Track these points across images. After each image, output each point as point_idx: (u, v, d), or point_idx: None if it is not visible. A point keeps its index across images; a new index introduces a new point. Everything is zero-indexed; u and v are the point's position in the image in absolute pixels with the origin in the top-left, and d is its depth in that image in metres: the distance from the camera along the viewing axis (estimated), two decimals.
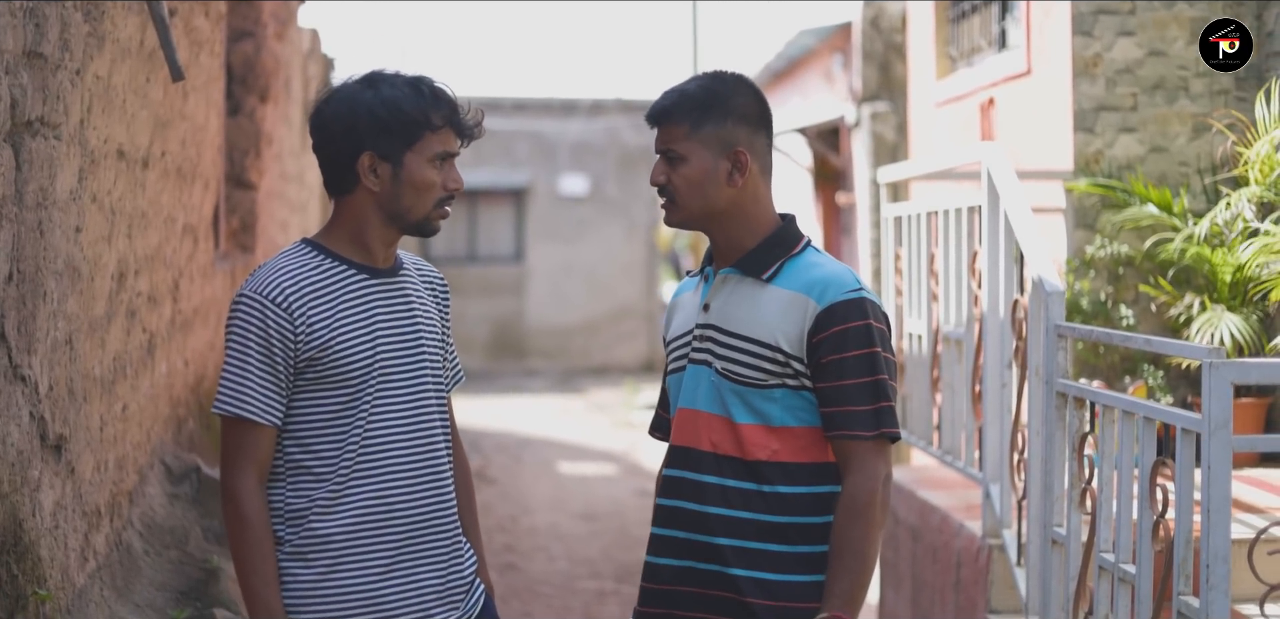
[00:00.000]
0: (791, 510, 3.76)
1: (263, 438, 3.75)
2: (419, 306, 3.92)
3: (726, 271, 3.85)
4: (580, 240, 29.28)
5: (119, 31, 5.82)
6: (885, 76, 15.39)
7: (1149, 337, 5.27)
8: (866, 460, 3.71)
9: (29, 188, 4.64)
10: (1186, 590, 4.51)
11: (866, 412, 3.72)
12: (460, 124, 3.82)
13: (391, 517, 3.80)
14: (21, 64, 4.55)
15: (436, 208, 3.82)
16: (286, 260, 3.81)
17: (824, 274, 3.77)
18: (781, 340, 3.73)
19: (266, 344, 3.72)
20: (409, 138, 3.76)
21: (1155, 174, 8.63)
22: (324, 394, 3.77)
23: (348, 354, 3.76)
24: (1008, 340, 6.42)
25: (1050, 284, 5.68)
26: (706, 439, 3.80)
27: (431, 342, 3.93)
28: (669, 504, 3.87)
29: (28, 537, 4.63)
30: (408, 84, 3.79)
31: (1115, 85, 8.68)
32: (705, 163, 3.81)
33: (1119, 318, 8.37)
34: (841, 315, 3.71)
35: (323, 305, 3.76)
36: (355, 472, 3.78)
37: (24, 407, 4.66)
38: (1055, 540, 5.60)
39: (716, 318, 3.83)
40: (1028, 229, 6.15)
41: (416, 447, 3.86)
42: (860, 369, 3.71)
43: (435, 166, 3.79)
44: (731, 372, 3.77)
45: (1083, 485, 5.37)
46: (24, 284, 4.62)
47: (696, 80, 3.90)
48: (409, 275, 3.96)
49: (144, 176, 6.51)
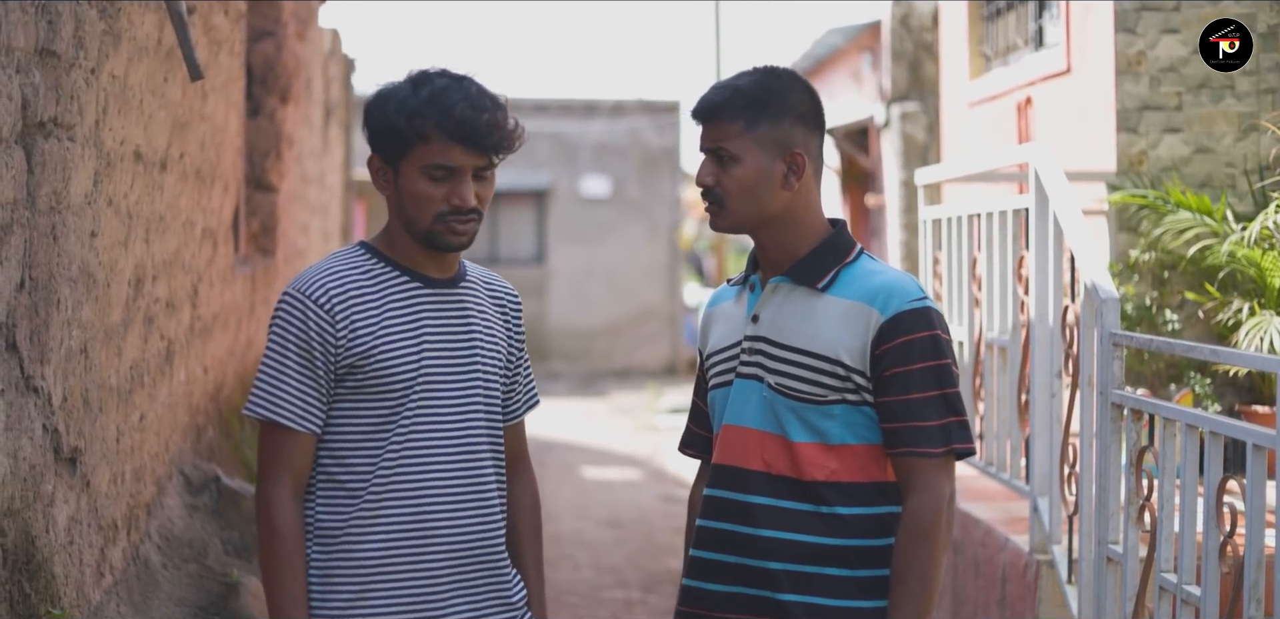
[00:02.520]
0: (852, 533, 3.57)
1: (299, 446, 3.59)
2: (479, 321, 3.74)
3: (778, 280, 3.65)
4: (602, 242, 29.29)
5: (136, 30, 5.76)
6: (915, 76, 15.35)
7: (1215, 347, 5.06)
8: (932, 479, 3.53)
9: (41, 191, 4.55)
10: (1259, 614, 4.33)
11: (934, 427, 3.54)
12: (463, 136, 3.55)
13: (427, 542, 3.61)
14: (33, 62, 4.45)
15: (438, 223, 3.58)
16: (337, 261, 3.66)
17: (886, 282, 3.59)
18: (842, 353, 3.54)
19: (306, 346, 3.56)
20: (401, 146, 3.57)
21: (1200, 175, 8.48)
22: (364, 405, 3.60)
23: (391, 363, 3.58)
24: (1057, 348, 6.26)
25: (1104, 290, 5.50)
26: (758, 458, 3.61)
27: (489, 360, 3.74)
28: (714, 526, 3.68)
29: (41, 554, 4.55)
30: (410, 85, 3.60)
31: (1159, 84, 8.53)
32: (759, 164, 3.60)
33: (1163, 323, 8.21)
34: (907, 325, 3.53)
35: (369, 310, 3.60)
36: (389, 490, 3.60)
37: (36, 419, 4.58)
38: (1111, 558, 5.42)
39: (768, 330, 3.64)
40: (1079, 233, 5.97)
41: (460, 469, 3.67)
42: (927, 382, 3.53)
43: (430, 179, 3.56)
44: (786, 387, 3.58)
45: (1141, 501, 5.18)
46: (36, 292, 4.53)
47: (749, 75, 3.68)
48: (473, 287, 3.78)
49: (162, 179, 6.45)
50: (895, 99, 15.46)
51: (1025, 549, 6.53)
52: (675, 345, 29.07)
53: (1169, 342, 5.15)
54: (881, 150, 16.06)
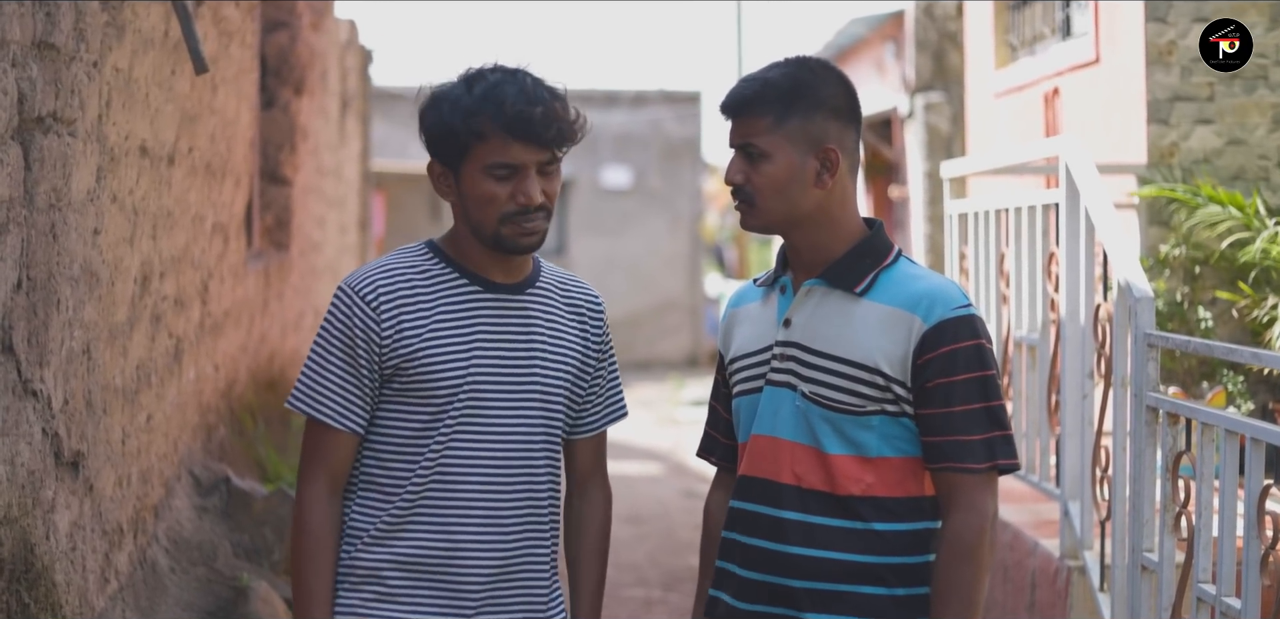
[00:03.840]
0: (889, 549, 3.44)
1: (338, 444, 3.54)
2: (543, 330, 3.63)
3: (812, 283, 3.50)
4: (623, 233, 29.29)
5: (141, 22, 5.69)
6: (939, 66, 15.33)
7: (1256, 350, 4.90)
8: (975, 495, 3.40)
9: (40, 188, 4.47)
10: None
11: (978, 442, 3.39)
12: (523, 131, 3.45)
13: (456, 555, 3.52)
14: (31, 56, 4.37)
15: (505, 224, 3.48)
16: (395, 257, 3.61)
17: (928, 287, 3.44)
18: (882, 362, 3.40)
19: (350, 343, 3.50)
20: (460, 148, 3.49)
21: (1233, 167, 8.33)
22: (408, 408, 3.53)
23: (436, 368, 3.50)
24: (1089, 348, 6.14)
25: (1139, 289, 5.37)
26: (788, 471, 3.47)
27: (552, 371, 3.62)
28: (742, 541, 3.55)
29: (41, 562, 4.48)
30: (464, 84, 3.50)
31: (1191, 74, 8.36)
32: (791, 161, 3.45)
33: (1196, 321, 8.08)
34: (951, 334, 3.39)
35: (419, 310, 3.52)
36: (422, 499, 3.52)
37: (35, 423, 4.49)
38: (1145, 566, 5.30)
39: (801, 335, 3.49)
40: (1112, 228, 5.85)
41: (504, 484, 3.57)
42: (970, 394, 3.39)
43: (493, 179, 3.47)
44: (821, 396, 3.44)
45: (1177, 508, 5.05)
46: (35, 292, 4.45)
47: (779, 67, 3.54)
48: (544, 292, 3.67)
49: (169, 174, 6.39)
50: (919, 89, 15.42)
51: (1056, 554, 6.41)
52: (697, 337, 29.05)
53: (1207, 343, 5.01)
54: (905, 141, 16.07)
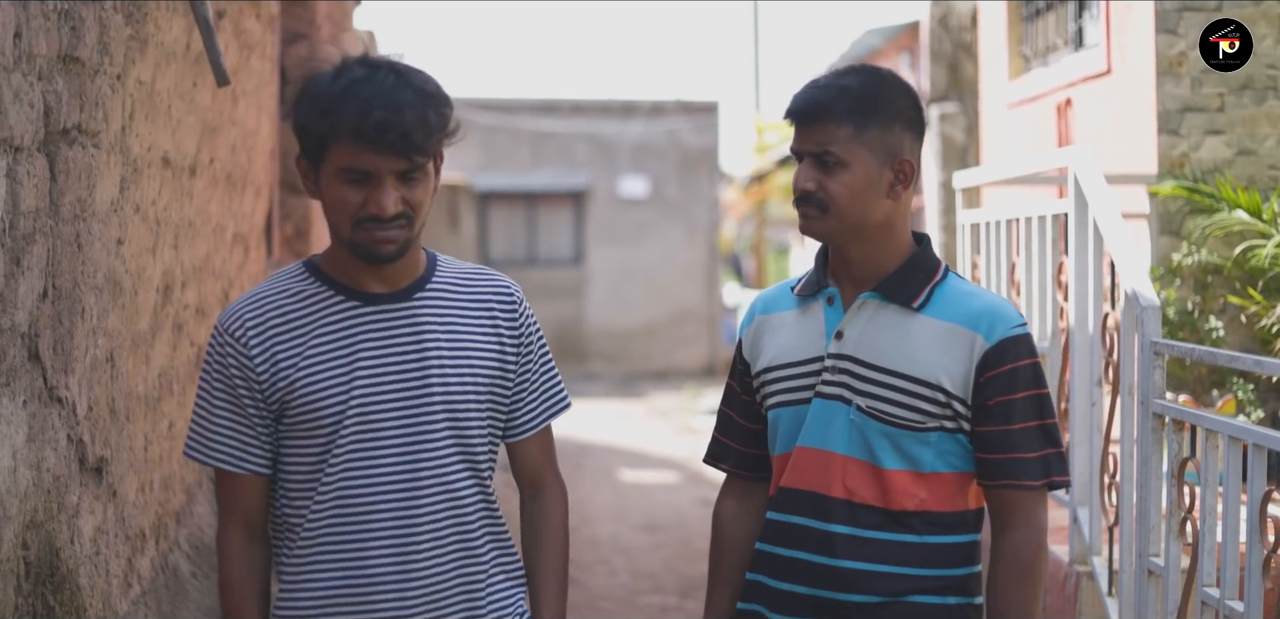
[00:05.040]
0: (940, 563, 3.44)
1: (243, 488, 3.33)
2: (440, 335, 3.34)
3: (867, 296, 3.46)
4: (640, 243, 29.33)
5: (163, 34, 5.71)
6: (954, 76, 15.34)
7: (1259, 357, 4.97)
8: (1032, 512, 3.41)
9: (65, 199, 4.49)
10: None
11: (1035, 459, 3.40)
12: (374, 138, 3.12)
13: (371, 594, 3.27)
14: (56, 69, 4.40)
15: (358, 231, 3.19)
16: (269, 284, 3.37)
17: (986, 305, 3.43)
18: (943, 378, 3.38)
19: (228, 384, 3.29)
20: (316, 148, 3.20)
21: (1243, 177, 8.42)
22: (300, 442, 3.29)
23: (317, 395, 3.25)
24: (1097, 356, 6.20)
25: (1145, 297, 5.43)
26: (839, 485, 3.43)
27: (457, 377, 3.34)
28: (782, 554, 3.52)
29: (65, 566, 4.49)
30: (329, 79, 3.20)
31: (1201, 85, 8.47)
32: (868, 170, 3.38)
33: (1207, 329, 8.14)
34: (1012, 353, 3.39)
35: (292, 338, 3.28)
36: (322, 537, 3.28)
37: (61, 430, 4.51)
38: (1152, 571, 5.36)
39: (855, 349, 3.44)
40: (1119, 239, 5.90)
41: (414, 509, 3.29)
42: (1028, 412, 3.40)
43: (346, 183, 3.17)
44: (880, 411, 3.40)
45: (1183, 513, 5.11)
46: (60, 301, 4.47)
47: (854, 74, 3.47)
48: (439, 294, 3.39)
49: (191, 185, 6.41)
50: (934, 99, 15.44)
51: (1065, 560, 6.48)
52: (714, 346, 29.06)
53: (1212, 351, 5.06)
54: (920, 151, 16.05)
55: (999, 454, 3.39)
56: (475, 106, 28.40)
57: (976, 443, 3.42)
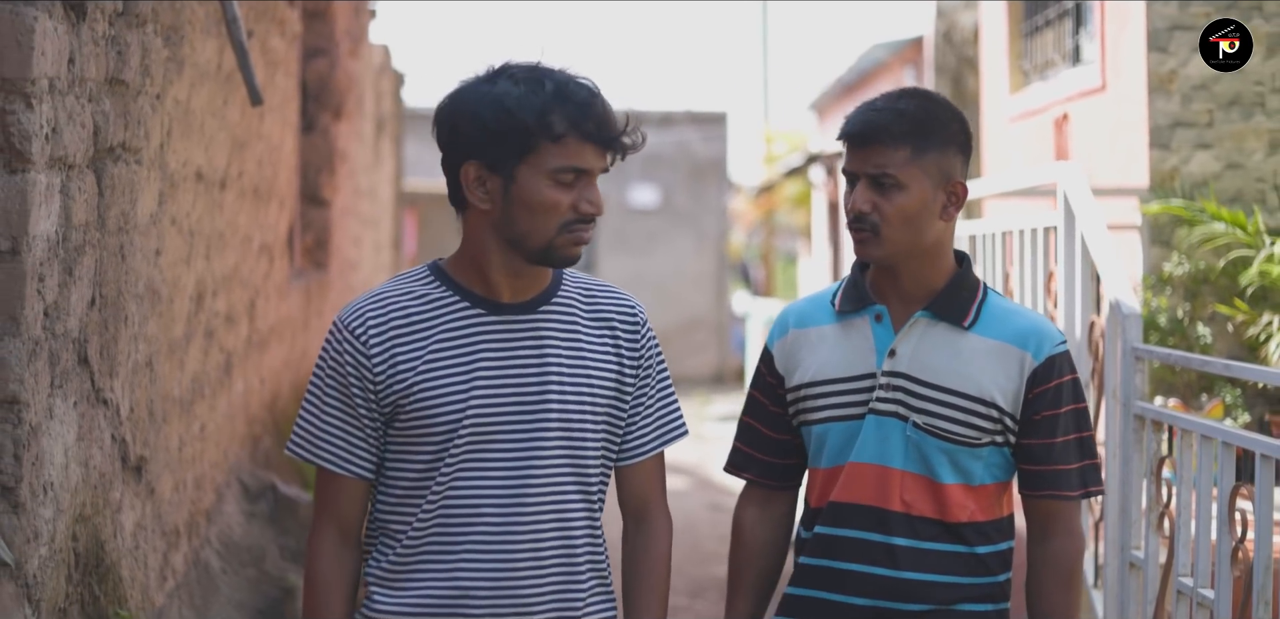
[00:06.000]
0: (987, 570, 3.49)
1: (344, 490, 3.24)
2: (562, 350, 3.24)
3: (920, 314, 3.47)
4: (651, 252, 29.20)
5: (197, 56, 5.88)
6: (958, 90, 15.34)
7: (1227, 361, 5.24)
8: (1072, 521, 3.51)
9: (111, 213, 4.68)
10: (1266, 616, 4.46)
11: (1073, 471, 3.49)
12: (597, 134, 3.14)
13: (465, 605, 3.17)
14: (104, 91, 4.59)
15: (563, 234, 3.13)
16: (392, 285, 3.27)
17: (1032, 324, 3.50)
18: (997, 395, 3.42)
19: (343, 383, 3.19)
20: (522, 147, 3.10)
21: (1231, 191, 8.59)
22: (412, 447, 3.19)
23: (434, 401, 3.15)
24: (1084, 362, 6.36)
25: (1127, 306, 5.65)
26: (897, 499, 3.44)
27: (574, 394, 3.24)
28: (837, 567, 3.51)
29: (109, 558, 4.67)
30: (528, 79, 3.13)
31: (1191, 101, 8.63)
32: (924, 193, 3.41)
33: (1196, 336, 8.31)
34: (1058, 369, 3.45)
35: (413, 341, 3.19)
36: (425, 544, 3.19)
37: (106, 429, 4.71)
38: (1133, 564, 5.56)
39: (909, 366, 3.45)
40: (1104, 250, 6.11)
41: (521, 524, 3.18)
42: (1070, 426, 3.47)
43: (558, 184, 3.11)
44: (938, 428, 3.42)
45: (1160, 508, 5.34)
46: (106, 308, 4.66)
47: (909, 98, 3.48)
48: (563, 308, 3.29)
49: (221, 198, 6.57)
50: None
51: None
52: (723, 354, 29.01)
53: (1186, 356, 5.31)
54: None
55: (1042, 466, 3.46)
56: None
57: (1020, 455, 3.48)
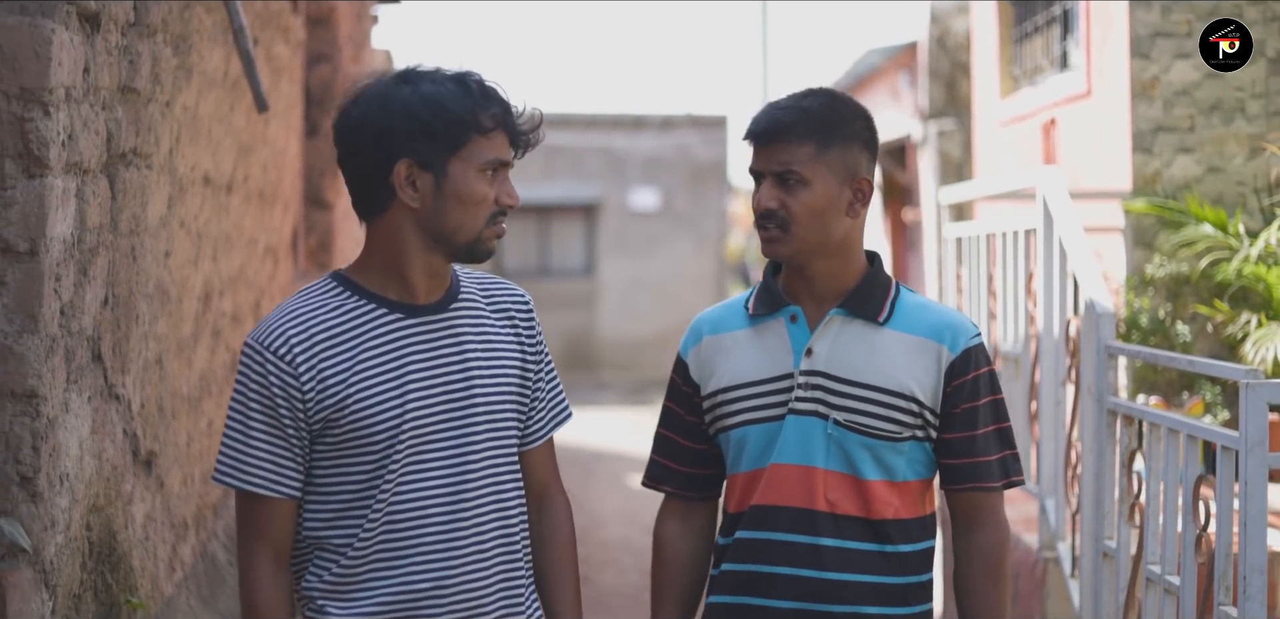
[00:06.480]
0: (909, 570, 3.46)
1: (275, 513, 3.16)
2: (476, 346, 3.27)
3: (835, 312, 3.44)
4: (651, 254, 29.23)
5: (205, 64, 5.99)
6: (951, 94, 15.39)
7: (1191, 357, 5.41)
8: (996, 512, 3.50)
9: (123, 216, 4.82)
10: (1226, 601, 4.59)
11: (994, 462, 3.47)
12: (515, 128, 3.19)
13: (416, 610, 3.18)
14: (117, 99, 4.72)
15: (489, 226, 3.18)
16: (302, 300, 3.21)
17: (946, 318, 3.49)
18: (915, 388, 3.40)
19: (270, 405, 3.12)
20: (455, 141, 3.13)
21: (1212, 194, 8.72)
22: (349, 461, 3.16)
23: (369, 414, 3.13)
24: (1062, 359, 6.53)
25: (1100, 305, 5.81)
26: (822, 498, 3.40)
27: (494, 388, 3.27)
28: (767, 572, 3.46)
29: (121, 548, 4.80)
30: (453, 79, 3.17)
31: (1173, 107, 8.76)
32: (830, 190, 3.39)
33: (1176, 336, 8.44)
34: (974, 362, 3.45)
35: (340, 354, 3.14)
36: (373, 553, 3.17)
37: (118, 424, 4.84)
38: (1106, 553, 5.71)
39: (828, 364, 3.42)
40: (1080, 251, 6.27)
41: (465, 524, 3.21)
42: (989, 417, 3.47)
43: (486, 177, 3.15)
44: (858, 423, 3.40)
45: (1131, 500, 5.48)
46: (118, 308, 4.79)
47: (814, 96, 3.46)
48: (469, 304, 3.31)
49: (228, 201, 6.67)
50: (932, 116, 15.58)
51: (1035, 547, 6.81)
52: None
53: (1153, 352, 5.47)
54: (919, 166, 16.17)
55: (964, 459, 3.44)
56: None
57: (941, 449, 3.46)
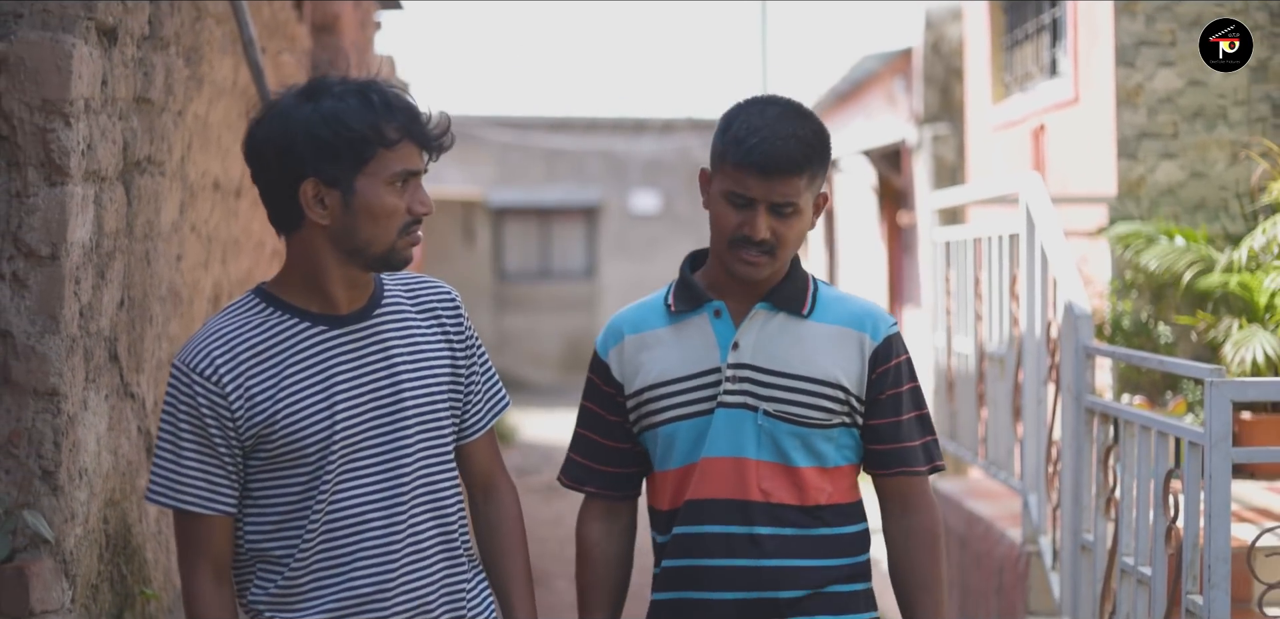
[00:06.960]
0: (847, 551, 3.52)
1: (212, 529, 3.18)
2: (402, 351, 3.30)
3: (759, 306, 3.48)
4: (651, 257, 29.30)
5: (215, 74, 6.15)
6: (945, 99, 15.48)
7: (1163, 357, 5.59)
8: (925, 493, 3.57)
9: (138, 221, 4.99)
10: (1193, 590, 4.74)
11: (919, 446, 3.56)
12: (422, 135, 3.20)
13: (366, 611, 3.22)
14: (132, 109, 4.90)
15: (402, 236, 3.19)
16: (224, 319, 3.23)
17: (865, 308, 3.55)
18: (841, 376, 3.46)
19: (200, 424, 3.14)
20: (359, 158, 3.13)
21: (1195, 199, 8.85)
22: (284, 475, 3.19)
23: (298, 428, 3.16)
24: (1043, 359, 6.70)
25: (1079, 307, 5.98)
26: (756, 488, 3.45)
27: (425, 392, 3.32)
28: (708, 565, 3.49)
29: (135, 540, 4.97)
30: (354, 93, 3.16)
31: (1157, 113, 8.90)
32: (809, 212, 3.46)
33: (1159, 337, 8.58)
34: (895, 349, 3.52)
35: (265, 372, 3.17)
36: (314, 563, 3.20)
37: (133, 421, 5.01)
38: (1084, 546, 5.88)
39: (754, 357, 3.47)
40: (1061, 255, 6.44)
41: (402, 530, 3.25)
42: (910, 404, 3.54)
43: (395, 189, 3.16)
44: (787, 412, 3.44)
45: (1107, 494, 5.66)
46: (133, 309, 4.96)
47: (797, 119, 3.44)
48: (392, 310, 3.34)
49: (237, 206, 6.81)
50: (927, 121, 15.67)
51: (1018, 541, 6.99)
52: None
53: (1128, 352, 5.64)
54: (914, 170, 16.27)
55: (891, 445, 3.52)
56: (490, 124, 28.63)
57: (868, 436, 3.53)
